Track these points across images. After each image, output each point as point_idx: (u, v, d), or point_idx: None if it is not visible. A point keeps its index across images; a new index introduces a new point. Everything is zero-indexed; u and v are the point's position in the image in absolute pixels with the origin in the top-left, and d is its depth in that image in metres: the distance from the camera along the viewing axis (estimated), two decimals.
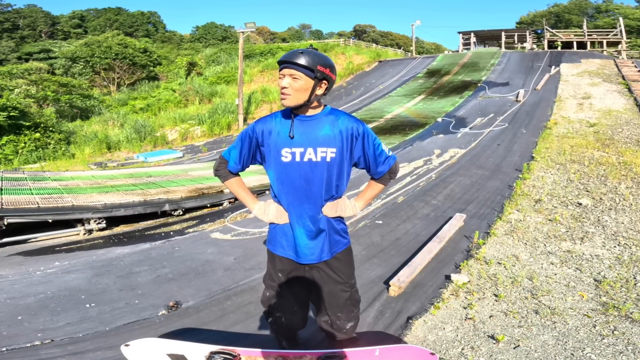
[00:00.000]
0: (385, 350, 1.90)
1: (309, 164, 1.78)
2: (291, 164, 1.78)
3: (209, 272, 3.65)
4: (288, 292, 1.98)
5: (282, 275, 1.96)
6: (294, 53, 1.70)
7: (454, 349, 2.35)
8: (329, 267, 1.93)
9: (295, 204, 1.83)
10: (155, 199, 5.78)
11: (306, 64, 1.68)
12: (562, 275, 3.27)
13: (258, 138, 1.83)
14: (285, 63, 1.70)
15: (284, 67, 1.71)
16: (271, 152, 1.81)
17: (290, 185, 1.81)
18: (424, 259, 3.49)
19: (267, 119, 1.85)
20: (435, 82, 19.42)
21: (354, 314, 2.08)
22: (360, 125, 1.83)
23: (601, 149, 7.77)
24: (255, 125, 1.84)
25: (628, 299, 2.87)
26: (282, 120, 1.82)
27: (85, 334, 2.67)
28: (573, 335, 2.46)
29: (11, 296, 3.26)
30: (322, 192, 1.82)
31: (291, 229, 1.87)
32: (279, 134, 1.79)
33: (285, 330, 2.13)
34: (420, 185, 6.25)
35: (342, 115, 1.84)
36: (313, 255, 1.88)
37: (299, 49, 1.72)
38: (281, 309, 2.03)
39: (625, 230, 4.22)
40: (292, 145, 1.77)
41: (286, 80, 1.70)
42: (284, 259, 1.93)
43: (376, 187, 1.98)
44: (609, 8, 44.98)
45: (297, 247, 1.88)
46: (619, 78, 15.36)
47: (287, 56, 1.70)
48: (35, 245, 4.76)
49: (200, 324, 2.76)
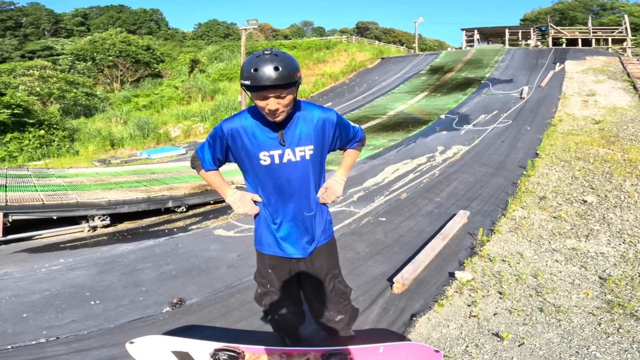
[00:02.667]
0: (389, 348, 1.90)
1: (289, 164, 1.76)
2: (271, 166, 1.76)
3: (212, 269, 3.66)
4: (279, 289, 2.00)
5: (272, 271, 1.97)
6: (272, 70, 1.52)
7: (458, 346, 2.35)
8: (313, 259, 1.94)
9: (280, 203, 1.83)
10: (158, 195, 5.80)
11: (290, 80, 1.57)
12: (567, 273, 3.25)
13: (227, 140, 1.77)
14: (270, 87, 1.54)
15: (265, 90, 1.55)
16: (247, 156, 1.77)
17: (273, 186, 1.80)
18: (428, 256, 3.49)
19: (235, 119, 1.77)
20: (438, 79, 19.33)
21: (343, 306, 2.08)
22: (332, 115, 1.82)
23: (606, 146, 7.72)
24: (223, 126, 1.76)
25: (633, 297, 2.85)
26: (253, 122, 1.74)
27: (90, 331, 2.69)
28: (578, 333, 2.45)
29: (16, 293, 3.29)
30: (305, 188, 1.82)
31: (278, 227, 1.88)
32: (253, 136, 1.73)
33: (284, 327, 2.14)
34: (424, 182, 6.23)
35: (313, 109, 1.80)
36: (300, 250, 1.90)
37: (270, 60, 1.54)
38: (273, 306, 2.04)
39: (630, 227, 4.19)
40: (269, 148, 1.73)
41: (274, 104, 1.59)
42: (273, 256, 1.93)
43: (354, 154, 2.05)
44: (614, 5, 44.64)
45: (284, 244, 1.89)
46: (624, 75, 15.26)
47: (269, 78, 1.52)
48: (39, 242, 4.79)
49: (204, 321, 2.77)
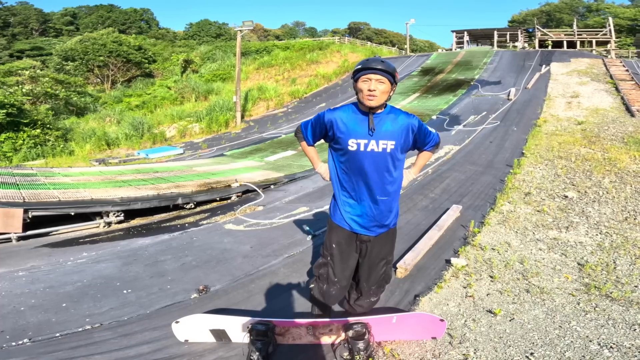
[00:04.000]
0: (401, 317, 2.25)
1: (371, 153, 2.16)
2: (357, 152, 2.17)
3: (229, 260, 3.97)
4: (337, 263, 2.34)
5: (337, 247, 2.32)
6: (377, 60, 2.07)
7: (458, 321, 2.71)
8: (377, 242, 2.31)
9: (359, 184, 2.22)
10: (168, 192, 6.07)
11: (390, 70, 2.07)
12: (549, 260, 3.65)
13: (327, 125, 2.21)
14: (372, 69, 2.05)
15: (370, 73, 2.06)
16: (340, 140, 2.18)
17: (356, 168, 2.20)
18: (426, 244, 3.86)
19: (337, 111, 2.21)
20: (429, 80, 19.82)
21: (381, 290, 2.47)
22: (415, 120, 2.23)
23: (587, 145, 8.21)
24: (325, 115, 2.22)
25: (608, 280, 3.25)
26: (351, 114, 2.18)
27: (130, 317, 2.95)
28: (560, 310, 2.82)
29: (49, 285, 3.52)
30: (382, 175, 2.21)
31: (353, 204, 2.26)
32: (346, 125, 2.16)
33: (324, 299, 2.44)
34: (418, 180, 6.61)
35: (400, 113, 2.22)
36: (368, 229, 2.27)
37: (378, 57, 2.11)
38: (326, 277, 2.37)
39: (607, 220, 4.63)
40: (357, 137, 2.15)
41: (374, 84, 2.05)
42: (341, 229, 2.30)
43: (426, 155, 2.43)
44: (600, 7, 45.70)
45: (355, 220, 2.27)
46: (607, 77, 15.86)
47: (374, 63, 2.06)
48: (58, 237, 5.03)
49: (230, 304, 3.08)
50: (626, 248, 3.85)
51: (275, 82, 24.21)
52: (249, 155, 11.13)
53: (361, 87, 2.08)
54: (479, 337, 2.53)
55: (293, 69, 25.73)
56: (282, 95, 21.84)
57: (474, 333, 2.56)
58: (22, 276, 3.72)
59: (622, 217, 4.71)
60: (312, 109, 18.89)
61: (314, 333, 2.36)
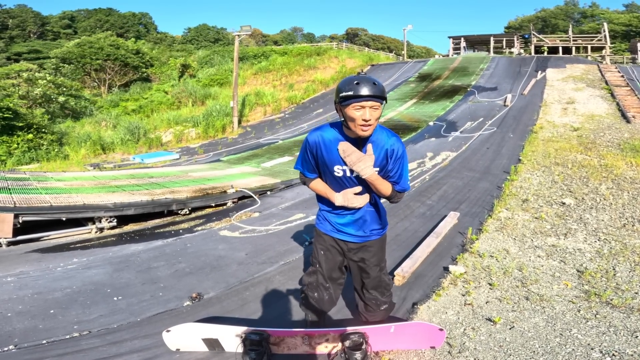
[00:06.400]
0: (399, 327, 2.19)
1: (357, 177, 2.09)
2: (343, 177, 2.11)
3: (223, 267, 3.90)
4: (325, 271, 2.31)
5: (324, 254, 2.30)
6: (369, 83, 1.83)
7: (457, 329, 2.66)
8: (366, 251, 2.28)
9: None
10: (162, 198, 5.99)
11: (383, 94, 1.86)
12: (548, 267, 3.61)
13: (314, 149, 2.11)
14: (369, 97, 1.81)
15: (365, 100, 1.82)
16: (324, 165, 2.11)
17: (339, 189, 2.17)
18: (424, 252, 3.80)
19: (318, 132, 2.08)
20: (426, 86, 19.89)
21: (386, 297, 2.41)
22: (401, 148, 2.07)
23: (584, 152, 8.21)
24: (309, 138, 2.09)
25: (608, 287, 3.21)
26: (333, 137, 2.04)
27: (120, 324, 2.87)
28: (560, 318, 2.78)
29: (38, 291, 3.43)
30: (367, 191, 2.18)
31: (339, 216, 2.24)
32: (331, 150, 2.05)
33: (314, 308, 2.41)
34: (415, 187, 6.57)
35: (390, 136, 2.07)
36: (355, 236, 2.24)
37: (368, 77, 1.87)
38: (314, 286, 2.34)
39: (605, 226, 4.60)
40: (343, 163, 2.04)
41: (369, 113, 1.84)
42: (327, 236, 2.28)
43: (387, 185, 2.09)
44: (595, 13, 46.28)
45: (342, 229, 2.25)
46: (602, 83, 15.98)
47: (367, 88, 1.81)
48: (49, 242, 4.94)
49: (223, 312, 3.01)
50: (625, 255, 3.82)
51: (273, 87, 24.21)
52: (245, 161, 11.07)
53: (352, 115, 1.85)
54: (478, 346, 2.47)
55: (291, 74, 25.76)
56: (280, 101, 21.82)
57: (474, 342, 2.51)
58: (10, 282, 3.62)
59: (620, 223, 4.68)
60: (309, 114, 18.88)
61: (309, 343, 2.29)
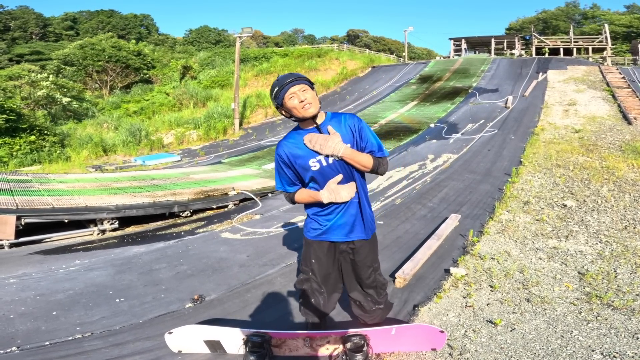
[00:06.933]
0: (400, 329, 2.20)
1: (334, 164, 2.10)
2: (321, 169, 2.11)
3: (225, 269, 3.91)
4: (319, 277, 2.30)
5: (315, 262, 2.28)
6: (287, 75, 2.05)
7: (458, 331, 2.66)
8: (357, 252, 2.27)
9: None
10: (164, 200, 6.01)
11: (303, 78, 2.05)
12: (550, 269, 3.61)
13: (285, 161, 2.15)
14: (290, 82, 2.00)
15: (289, 87, 2.00)
16: (302, 166, 2.13)
17: (324, 184, 2.13)
18: (425, 254, 3.81)
19: (284, 142, 2.16)
20: (427, 88, 19.88)
21: (382, 297, 2.40)
22: (357, 118, 2.18)
23: (585, 154, 8.21)
24: (279, 151, 2.15)
25: (609, 289, 3.21)
26: (298, 137, 2.12)
27: (122, 326, 2.88)
28: (562, 320, 2.78)
29: (40, 293, 3.45)
30: (351, 179, 2.15)
31: (327, 216, 2.20)
32: (299, 148, 2.11)
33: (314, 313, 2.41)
34: (417, 189, 6.58)
35: (343, 115, 2.19)
36: (342, 235, 2.21)
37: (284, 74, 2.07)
38: (311, 292, 2.34)
39: (606, 229, 4.60)
40: (315, 154, 2.08)
41: (302, 94, 2.01)
42: (318, 242, 2.26)
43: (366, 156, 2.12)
44: (596, 14, 46.26)
45: (332, 230, 2.21)
46: (604, 84, 15.95)
47: (287, 78, 2.03)
48: (51, 244, 4.95)
49: (225, 314, 3.02)
50: (626, 257, 3.81)
51: None
52: (246, 163, 11.08)
53: (291, 104, 2.02)
54: (479, 347, 2.47)
55: None
56: None
57: (475, 344, 2.51)
58: (13, 283, 3.64)
59: (621, 225, 4.68)
60: None
61: (311, 345, 2.30)
